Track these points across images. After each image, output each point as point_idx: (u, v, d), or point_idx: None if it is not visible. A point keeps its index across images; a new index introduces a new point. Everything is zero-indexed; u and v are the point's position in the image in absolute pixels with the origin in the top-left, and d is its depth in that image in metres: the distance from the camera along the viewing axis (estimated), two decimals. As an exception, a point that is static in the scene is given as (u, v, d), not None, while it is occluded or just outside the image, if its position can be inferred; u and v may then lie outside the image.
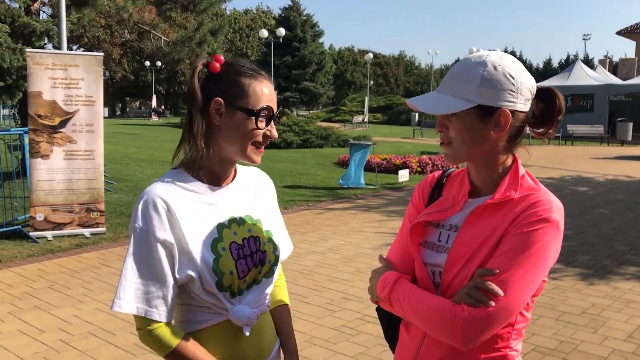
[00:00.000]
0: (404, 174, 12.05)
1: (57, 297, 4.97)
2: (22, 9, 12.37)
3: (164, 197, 1.40)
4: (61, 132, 6.84)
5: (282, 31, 33.92)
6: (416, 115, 39.47)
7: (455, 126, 1.33)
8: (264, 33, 32.55)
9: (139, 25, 12.51)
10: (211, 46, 12.49)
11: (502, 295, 1.23)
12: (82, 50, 40.77)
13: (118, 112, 65.37)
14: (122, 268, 1.41)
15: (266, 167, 1.68)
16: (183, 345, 1.42)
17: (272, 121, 1.48)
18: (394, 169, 13.65)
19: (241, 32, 63.40)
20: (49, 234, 6.88)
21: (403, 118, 43.23)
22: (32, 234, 6.81)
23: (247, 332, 1.46)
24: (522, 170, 1.37)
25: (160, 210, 1.39)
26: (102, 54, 7.39)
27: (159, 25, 12.67)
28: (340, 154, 16.69)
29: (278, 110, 1.50)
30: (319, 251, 6.68)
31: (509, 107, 1.31)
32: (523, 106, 1.33)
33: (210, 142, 1.47)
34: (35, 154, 6.76)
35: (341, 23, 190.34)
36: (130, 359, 3.79)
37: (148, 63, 52.69)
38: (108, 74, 55.66)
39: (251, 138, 1.44)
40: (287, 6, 48.05)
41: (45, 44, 12.77)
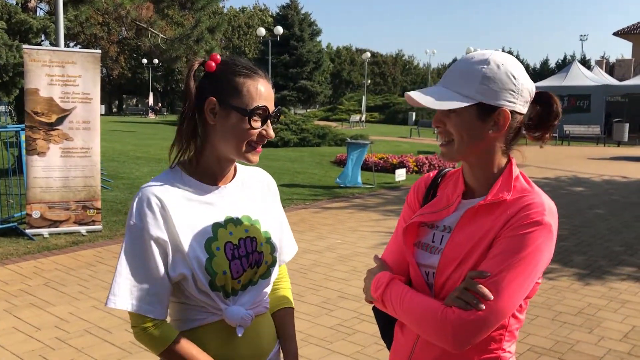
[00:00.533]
0: (400, 173, 12.07)
1: (53, 294, 4.96)
2: (19, 6, 12.33)
3: (159, 195, 1.40)
4: (58, 129, 6.83)
5: (279, 29, 33.91)
6: (413, 115, 39.49)
7: (454, 122, 1.32)
8: (262, 31, 32.53)
9: (137, 23, 12.48)
10: (209, 44, 12.46)
11: (492, 298, 1.22)
12: (79, 48, 40.70)
13: (115, 109, 65.24)
14: (116, 265, 1.41)
15: (263, 166, 1.68)
16: (177, 343, 1.41)
17: (269, 121, 1.46)
18: (391, 168, 13.67)
19: (239, 29, 63.30)
20: (45, 232, 6.86)
21: (400, 117, 43.26)
22: (28, 231, 6.79)
23: (240, 333, 1.45)
24: (516, 172, 1.37)
25: (155, 208, 1.39)
26: (99, 51, 7.38)
27: (157, 23, 12.64)
28: (337, 153, 16.71)
29: (275, 110, 1.47)
30: (316, 250, 6.68)
31: (509, 107, 1.30)
32: (522, 108, 1.33)
33: (206, 141, 1.47)
34: (31, 151, 6.74)
35: (339, 22, 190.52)
36: (126, 356, 3.79)
37: (145, 61, 52.61)
38: (105, 71, 55.53)
39: (246, 138, 1.42)
40: (285, 4, 48.06)
41: (43, 40, 12.73)
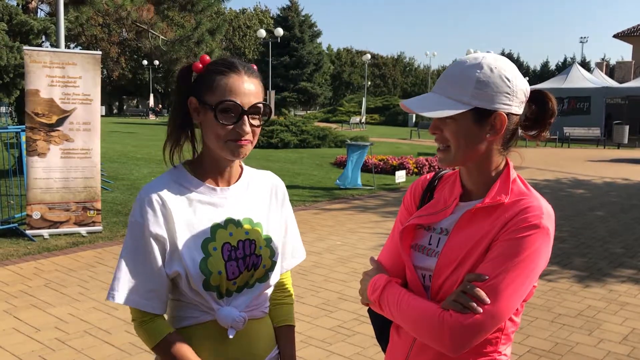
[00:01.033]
0: (400, 175, 12.08)
1: (53, 295, 4.96)
2: (20, 7, 12.35)
3: (161, 194, 1.43)
4: (58, 130, 6.83)
5: (280, 31, 33.91)
6: (413, 117, 39.50)
7: (451, 129, 1.32)
8: (262, 33, 32.53)
9: (137, 24, 12.50)
10: (209, 45, 12.47)
11: (489, 302, 1.22)
12: (80, 49, 40.71)
13: (115, 110, 65.27)
14: (118, 260, 1.44)
15: (263, 167, 1.70)
16: (169, 339, 1.42)
17: (245, 116, 1.39)
18: (391, 170, 13.68)
19: (239, 30, 63.30)
20: (45, 232, 6.87)
21: (400, 119, 43.31)
22: (28, 232, 6.80)
23: (231, 334, 1.45)
24: (513, 174, 1.36)
25: (156, 206, 1.41)
26: (99, 52, 7.39)
27: (157, 24, 12.65)
28: (337, 155, 16.71)
29: (253, 104, 1.40)
30: (316, 251, 6.69)
31: (505, 110, 1.30)
32: (518, 109, 1.33)
33: (203, 141, 1.48)
34: (32, 152, 6.75)
35: (339, 24, 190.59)
36: (125, 357, 3.79)
37: (146, 62, 52.63)
38: (106, 72, 55.55)
39: (220, 134, 1.39)
40: (285, 6, 48.09)
41: (43, 42, 12.75)
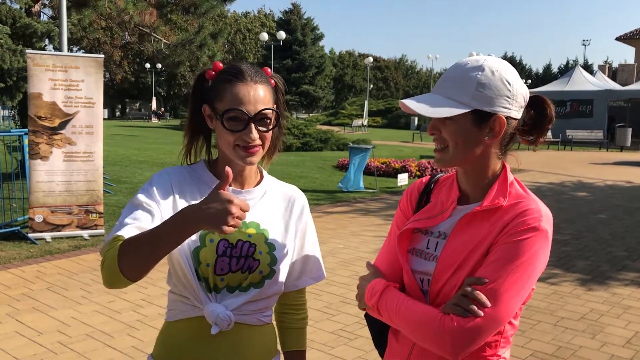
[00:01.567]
0: (403, 178, 12.07)
1: (55, 298, 4.97)
2: (23, 10, 12.40)
3: (174, 176, 1.51)
4: (61, 133, 6.85)
5: (282, 34, 33.99)
6: (415, 119, 39.50)
7: (449, 130, 1.32)
8: (265, 36, 32.60)
9: (140, 28, 12.53)
10: (211, 49, 12.49)
11: (489, 305, 1.22)
12: (83, 52, 40.81)
13: (118, 113, 65.41)
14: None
15: (266, 170, 1.69)
16: (125, 242, 1.28)
17: (251, 124, 1.42)
18: (393, 173, 13.67)
19: (239, 34, 63.39)
20: (47, 236, 6.87)
21: (402, 122, 43.30)
22: (30, 235, 6.80)
23: (214, 331, 1.43)
24: (510, 177, 1.36)
25: (167, 181, 1.49)
26: (102, 55, 7.40)
27: (160, 28, 12.68)
28: (339, 158, 16.71)
29: (259, 112, 1.43)
30: (318, 255, 6.67)
31: (504, 113, 1.30)
32: (517, 113, 1.33)
33: (218, 145, 1.54)
34: (34, 155, 6.76)
35: (341, 27, 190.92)
36: (128, 361, 3.79)
37: (148, 65, 52.80)
38: (108, 75, 55.71)
39: (230, 140, 1.44)
40: (287, 9, 48.24)
41: (46, 45, 12.79)
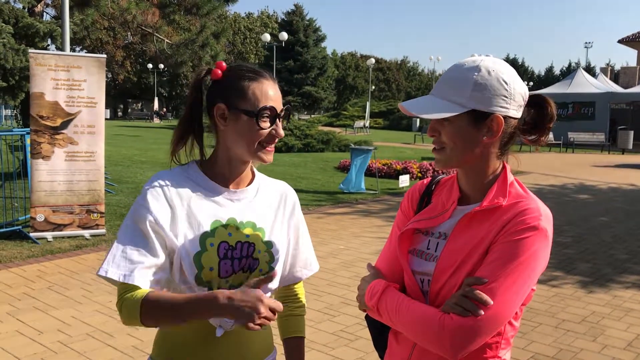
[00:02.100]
0: (404, 179, 12.06)
1: (56, 298, 4.97)
2: (26, 10, 12.42)
3: (168, 183, 1.48)
4: (63, 133, 6.85)
5: (284, 35, 34.00)
6: (417, 121, 39.48)
7: (448, 131, 1.32)
8: (267, 37, 32.62)
9: (142, 28, 12.54)
10: (214, 49, 12.50)
11: (491, 304, 1.22)
12: (85, 52, 40.86)
13: (120, 113, 65.48)
14: (116, 237, 1.45)
15: (267, 171, 1.69)
16: (148, 299, 1.36)
17: (277, 120, 1.50)
18: (395, 174, 13.66)
19: (241, 34, 63.39)
20: (49, 235, 6.88)
21: (404, 123, 43.28)
22: (32, 234, 6.81)
23: (218, 333, 1.45)
24: (510, 178, 1.36)
25: (160, 194, 1.45)
26: (104, 55, 7.41)
27: (162, 28, 12.69)
28: (341, 159, 16.71)
29: (283, 109, 1.52)
30: (319, 255, 6.65)
31: (502, 113, 1.30)
32: (515, 112, 1.33)
33: (219, 144, 1.53)
34: (36, 155, 6.77)
35: (344, 28, 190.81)
36: (128, 361, 3.79)
37: (150, 65, 52.81)
38: (110, 75, 55.77)
39: (256, 139, 1.47)
40: (290, 10, 48.25)
41: (49, 45, 12.82)
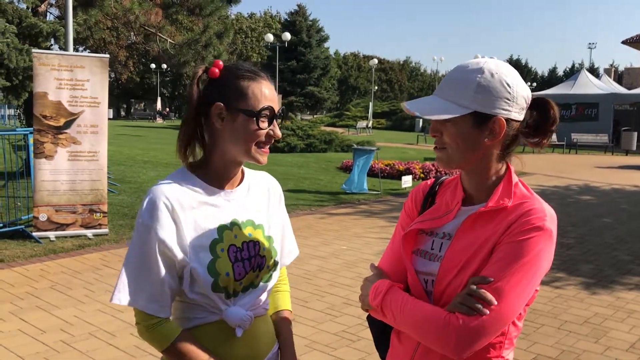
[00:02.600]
0: (407, 180, 12.06)
1: (59, 297, 4.98)
2: (30, 10, 12.45)
3: (169, 196, 1.44)
4: (66, 132, 6.86)
5: (287, 35, 33.97)
6: (420, 122, 39.43)
7: (450, 132, 1.33)
8: (270, 37, 32.62)
9: (145, 28, 12.55)
10: (217, 49, 12.50)
11: (496, 303, 1.22)
12: (88, 52, 40.93)
13: (123, 113, 65.58)
14: (124, 261, 1.44)
15: (269, 171, 1.70)
16: (180, 340, 1.44)
17: (275, 120, 1.50)
18: (397, 175, 13.65)
19: (241, 34, 63.37)
20: (51, 235, 6.89)
21: (407, 124, 43.27)
22: (35, 234, 6.82)
23: (239, 333, 1.48)
24: (515, 179, 1.37)
25: (163, 209, 1.42)
26: (107, 55, 7.42)
27: (165, 28, 12.69)
28: (343, 159, 16.70)
29: (279, 109, 1.52)
30: (321, 256, 6.67)
31: (504, 115, 1.31)
32: (518, 115, 1.33)
33: (214, 145, 1.51)
34: (39, 154, 6.78)
35: (347, 28, 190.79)
36: (130, 360, 3.79)
37: (154, 65, 52.89)
38: (113, 75, 55.86)
39: (254, 139, 1.47)
40: (293, 11, 48.25)
41: (52, 45, 12.84)
